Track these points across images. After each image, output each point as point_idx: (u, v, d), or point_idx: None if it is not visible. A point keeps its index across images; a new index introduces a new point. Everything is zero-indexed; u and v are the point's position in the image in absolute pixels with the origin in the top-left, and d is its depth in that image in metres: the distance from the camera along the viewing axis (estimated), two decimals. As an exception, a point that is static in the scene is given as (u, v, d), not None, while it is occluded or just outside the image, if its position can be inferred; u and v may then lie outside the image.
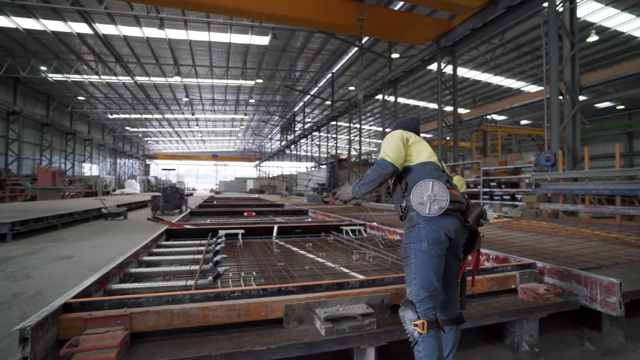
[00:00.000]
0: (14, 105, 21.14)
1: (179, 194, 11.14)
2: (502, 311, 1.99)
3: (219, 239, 3.36)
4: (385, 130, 17.40)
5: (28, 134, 23.33)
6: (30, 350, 1.24)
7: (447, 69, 13.53)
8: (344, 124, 27.70)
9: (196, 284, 2.06)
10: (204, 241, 3.65)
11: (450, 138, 13.83)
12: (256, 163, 58.31)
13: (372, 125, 35.61)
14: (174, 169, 26.43)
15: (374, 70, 20.18)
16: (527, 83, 20.82)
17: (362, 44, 11.60)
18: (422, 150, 1.70)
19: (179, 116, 32.69)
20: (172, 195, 10.87)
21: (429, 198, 1.47)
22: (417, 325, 1.41)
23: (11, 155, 21.30)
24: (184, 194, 11.84)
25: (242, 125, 38.82)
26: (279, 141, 40.64)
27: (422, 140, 1.77)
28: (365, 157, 36.79)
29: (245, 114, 32.60)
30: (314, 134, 29.72)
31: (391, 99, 17.77)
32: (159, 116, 32.04)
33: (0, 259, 4.88)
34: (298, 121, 32.67)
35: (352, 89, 22.88)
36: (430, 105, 26.43)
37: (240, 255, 3.36)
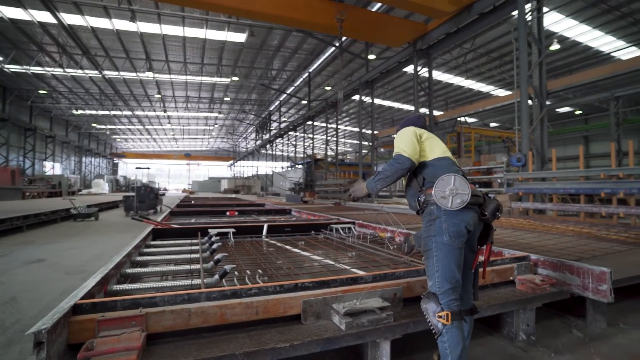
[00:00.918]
0: (-37, 97, 19.51)
1: (153, 194, 10.73)
2: (504, 302, 2.08)
3: (213, 238, 3.28)
4: (363, 130, 17.64)
5: (-20, 129, 21.61)
6: (45, 355, 1.15)
7: (423, 72, 13.92)
8: (320, 124, 27.81)
9: (204, 283, 1.99)
10: (195, 240, 3.54)
11: (426, 139, 14.23)
12: (230, 163, 57.21)
13: (348, 126, 35.94)
14: (149, 168, 25.28)
15: (351, 71, 20.40)
16: (496, 87, 21.84)
17: (341, 41, 11.66)
18: (436, 146, 1.75)
19: (150, 113, 31.42)
20: (147, 195, 10.45)
21: (451, 192, 1.51)
22: (442, 317, 1.45)
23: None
24: (158, 193, 11.42)
25: (216, 124, 37.95)
26: (254, 140, 40.11)
27: (435, 136, 1.82)
28: (342, 157, 37.13)
29: (220, 113, 31.90)
30: (290, 133, 29.60)
31: (368, 99, 18.04)
32: (129, 113, 30.64)
33: (-39, 263, 4.49)
34: (274, 120, 32.40)
35: (329, 88, 23.00)
36: (405, 106, 27.07)
37: (236, 253, 3.30)
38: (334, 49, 17.65)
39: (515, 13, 10.32)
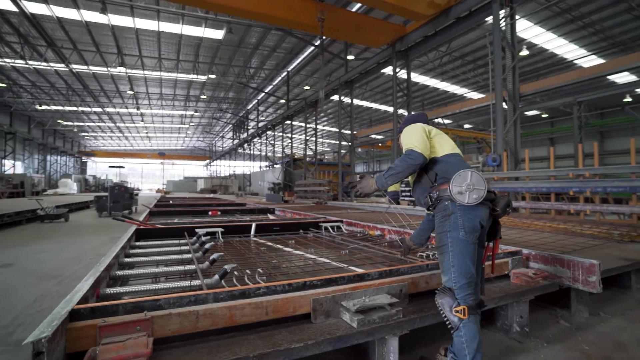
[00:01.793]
0: None
1: (128, 194, 10.28)
2: (504, 295, 2.13)
3: (203, 238, 3.16)
4: (342, 130, 17.72)
5: None
6: (46, 366, 1.06)
7: (401, 73, 14.17)
8: (299, 123, 27.72)
9: (204, 283, 1.91)
10: (183, 240, 3.40)
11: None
12: (206, 162, 55.89)
13: (326, 126, 36.04)
14: (123, 167, 24.21)
15: (329, 71, 20.46)
16: (470, 90, 22.61)
17: (322, 41, 11.67)
18: (445, 142, 1.77)
19: (122, 110, 30.06)
20: (121, 195, 10.00)
21: (468, 187, 1.52)
22: (459, 312, 1.46)
23: None
24: (133, 193, 10.96)
25: (192, 122, 36.95)
26: (231, 139, 39.39)
27: (442, 132, 1.84)
28: (320, 157, 37.15)
29: (196, 111, 31.06)
30: (268, 133, 29.30)
31: (347, 99, 18.16)
32: (99, 109, 29.18)
33: None
34: (251, 119, 31.96)
35: (308, 88, 22.95)
36: (382, 107, 27.48)
37: (227, 253, 3.20)
38: (313, 48, 17.64)
39: (489, 19, 10.74)
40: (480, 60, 18.13)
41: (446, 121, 27.83)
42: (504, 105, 9.47)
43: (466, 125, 30.17)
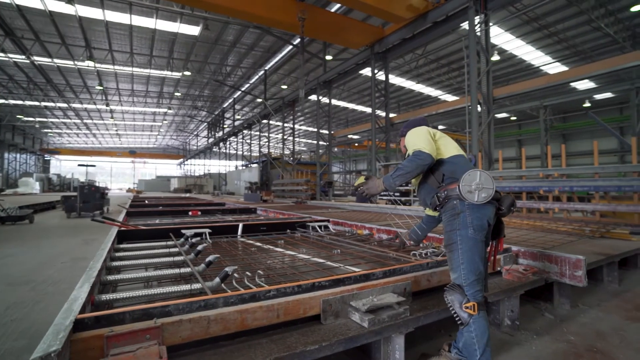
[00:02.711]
0: None
1: (99, 193, 9.79)
2: (498, 291, 2.22)
3: (194, 239, 3.06)
4: (320, 130, 17.72)
5: None
6: (56, 381, 0.98)
7: (379, 75, 14.37)
8: (276, 122, 27.45)
9: (206, 287, 1.84)
10: (170, 242, 3.27)
11: (382, 140, 14.78)
12: (180, 161, 54.21)
13: (302, 125, 35.95)
14: (94, 165, 22.92)
15: (307, 71, 20.43)
16: (444, 92, 23.30)
17: (302, 40, 11.63)
18: (449, 144, 1.81)
19: (90, 106, 28.49)
20: (92, 195, 9.50)
21: (477, 186, 1.57)
22: (469, 308, 1.50)
23: None
24: (105, 193, 10.45)
25: (165, 120, 35.71)
26: (206, 138, 38.44)
27: (446, 135, 1.88)
28: (297, 157, 37.03)
29: (170, 108, 30.04)
30: (245, 131, 28.85)
31: (324, 99, 18.19)
32: (64, 105, 27.51)
33: None
34: (227, 118, 31.34)
35: (285, 87, 22.80)
36: (359, 107, 27.77)
37: (219, 254, 3.11)
38: (291, 47, 17.54)
39: (464, 25, 11.14)
40: (454, 64, 18.73)
41: (421, 122, 28.52)
42: (479, 107, 9.84)
43: (440, 127, 31.03)
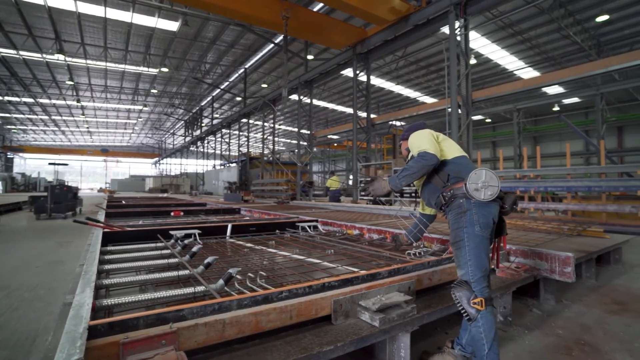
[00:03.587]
0: None
1: (71, 193, 9.34)
2: (494, 288, 2.28)
3: (187, 240, 2.97)
4: (301, 130, 17.66)
5: None
6: (77, 393, 0.93)
7: (361, 76, 14.50)
8: (256, 121, 27.13)
9: (212, 289, 1.79)
10: (159, 244, 3.17)
11: (363, 140, 14.94)
12: (155, 160, 52.53)
13: (282, 125, 35.75)
14: (66, 164, 21.74)
15: (288, 70, 20.33)
16: (422, 94, 23.83)
17: (286, 39, 11.58)
18: (452, 146, 1.86)
19: (59, 102, 27.04)
20: (64, 195, 9.05)
21: (483, 185, 1.62)
22: (476, 303, 1.54)
23: None
24: (77, 193, 9.98)
25: (140, 117, 34.50)
26: (183, 137, 37.47)
27: (448, 137, 1.93)
28: (277, 156, 36.77)
29: (145, 105, 29.05)
30: (223, 130, 28.34)
31: (306, 99, 18.16)
32: (30, 100, 26.00)
33: None
34: (205, 116, 30.69)
35: (265, 86, 22.59)
36: (339, 107, 27.93)
37: (211, 255, 3.04)
38: (272, 46, 17.40)
39: (444, 29, 11.43)
40: (432, 67, 19.19)
41: (400, 123, 29.09)
42: (459, 109, 10.14)
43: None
